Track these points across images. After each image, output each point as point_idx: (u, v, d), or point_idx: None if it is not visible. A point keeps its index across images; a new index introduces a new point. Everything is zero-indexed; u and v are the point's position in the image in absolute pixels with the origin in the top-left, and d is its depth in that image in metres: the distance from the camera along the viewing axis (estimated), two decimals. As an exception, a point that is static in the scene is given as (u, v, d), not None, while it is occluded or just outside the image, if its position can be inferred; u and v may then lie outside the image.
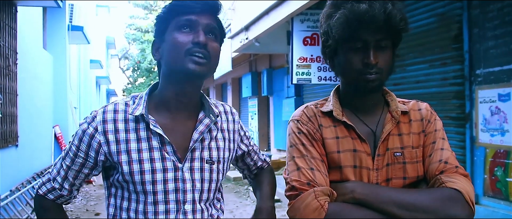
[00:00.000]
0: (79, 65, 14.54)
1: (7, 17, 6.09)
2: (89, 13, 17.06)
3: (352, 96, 1.38)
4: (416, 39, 5.53)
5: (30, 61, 7.55)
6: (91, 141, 1.35)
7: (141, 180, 1.32)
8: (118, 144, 1.34)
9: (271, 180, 1.74)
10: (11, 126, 6.28)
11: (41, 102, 8.49)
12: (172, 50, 1.32)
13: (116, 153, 1.33)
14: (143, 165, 1.33)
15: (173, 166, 1.35)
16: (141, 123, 1.36)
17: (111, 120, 1.36)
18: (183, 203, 1.35)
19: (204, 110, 1.45)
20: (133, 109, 1.37)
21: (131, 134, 1.35)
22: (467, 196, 1.20)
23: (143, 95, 1.42)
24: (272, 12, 7.63)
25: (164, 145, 1.35)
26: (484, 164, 4.52)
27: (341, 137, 1.33)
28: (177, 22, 1.33)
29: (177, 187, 1.35)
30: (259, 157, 1.74)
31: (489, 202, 4.44)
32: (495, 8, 4.38)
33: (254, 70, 13.75)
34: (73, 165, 1.40)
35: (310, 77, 7.16)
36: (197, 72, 1.31)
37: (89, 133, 1.36)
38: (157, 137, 1.35)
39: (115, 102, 1.41)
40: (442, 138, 1.36)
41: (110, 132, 1.35)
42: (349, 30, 1.25)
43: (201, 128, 1.40)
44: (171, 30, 1.34)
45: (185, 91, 1.39)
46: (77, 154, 1.38)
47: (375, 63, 1.26)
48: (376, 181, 1.30)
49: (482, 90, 4.50)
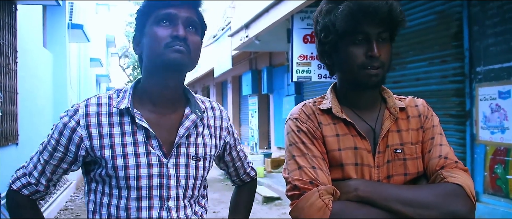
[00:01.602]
0: (79, 63, 14.52)
1: (7, 15, 6.08)
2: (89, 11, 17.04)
3: (350, 93, 1.37)
4: (416, 37, 5.53)
5: (30, 60, 7.54)
6: (73, 135, 1.31)
7: (125, 175, 1.29)
8: (101, 138, 1.30)
9: (248, 204, 1.73)
10: (12, 124, 6.28)
11: (41, 100, 8.49)
12: (152, 44, 1.30)
13: (99, 148, 1.30)
14: (127, 159, 1.30)
15: (158, 161, 1.32)
16: (126, 117, 1.33)
17: (94, 113, 1.32)
18: (167, 199, 1.33)
19: (190, 105, 1.42)
20: (118, 102, 1.34)
21: (115, 127, 1.32)
22: (468, 190, 1.21)
23: (128, 88, 1.39)
24: (272, 10, 7.62)
25: (149, 139, 1.32)
26: (484, 162, 4.52)
27: (341, 135, 1.32)
28: (156, 16, 1.31)
29: (161, 183, 1.32)
30: (243, 166, 1.69)
31: (489, 199, 4.45)
32: (495, 5, 4.37)
33: (254, 68, 13.74)
34: (52, 159, 1.35)
35: (310, 75, 7.16)
36: (178, 61, 1.28)
37: (71, 126, 1.32)
38: (142, 131, 1.32)
39: (98, 96, 1.37)
40: (440, 133, 1.37)
41: (93, 126, 1.31)
42: (353, 22, 1.25)
43: (187, 124, 1.38)
44: (151, 24, 1.32)
45: (167, 84, 1.36)
46: (56, 147, 1.34)
47: (378, 56, 1.26)
48: (377, 178, 1.30)
49: (482, 87, 4.50)
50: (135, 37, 1.40)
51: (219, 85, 18.74)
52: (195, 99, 1.45)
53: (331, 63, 1.39)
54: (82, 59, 15.33)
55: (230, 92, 16.67)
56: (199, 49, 1.37)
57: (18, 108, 6.59)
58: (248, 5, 9.11)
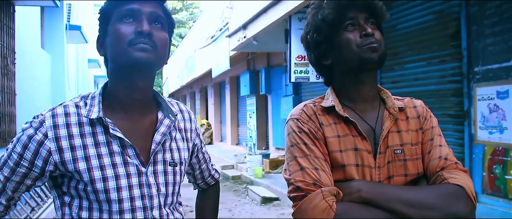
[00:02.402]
0: (77, 64, 14.52)
1: (5, 16, 6.07)
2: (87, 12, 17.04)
3: (350, 90, 1.38)
4: (414, 37, 5.54)
5: (28, 61, 7.53)
6: (39, 149, 1.20)
7: (104, 188, 1.21)
8: (74, 151, 1.21)
9: (216, 207, 1.70)
10: (10, 126, 6.27)
11: (40, 102, 8.48)
12: (115, 43, 1.23)
13: (72, 161, 1.20)
14: (105, 171, 1.21)
15: (136, 170, 1.25)
16: (98, 126, 1.24)
17: (62, 124, 1.22)
18: (151, 209, 1.27)
19: (162, 109, 1.36)
20: (88, 111, 1.25)
21: (88, 138, 1.22)
22: (469, 191, 1.22)
23: (95, 95, 1.30)
24: (270, 11, 7.63)
25: (125, 149, 1.25)
26: (482, 162, 4.53)
27: (342, 136, 1.32)
28: (119, 12, 1.24)
29: (142, 193, 1.26)
30: (208, 168, 1.64)
31: (487, 199, 4.45)
32: (493, 5, 4.38)
33: (252, 68, 13.74)
34: (14, 176, 1.22)
35: (308, 76, 7.16)
36: (143, 60, 1.21)
37: (37, 139, 1.20)
38: (117, 140, 1.25)
39: (64, 104, 1.27)
40: (439, 135, 1.38)
41: (63, 138, 1.21)
42: (342, 8, 1.31)
43: (163, 129, 1.32)
44: (114, 22, 1.24)
45: (136, 86, 1.27)
46: (19, 163, 1.21)
47: (372, 33, 1.30)
48: (378, 179, 1.30)
49: (481, 87, 4.51)
50: (99, 37, 1.31)
51: (217, 86, 18.74)
52: (166, 102, 1.40)
53: (329, 62, 1.39)
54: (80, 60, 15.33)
55: (228, 93, 16.67)
56: (166, 46, 1.30)
57: (16, 109, 6.58)
58: (246, 5, 9.12)
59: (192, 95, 23.94)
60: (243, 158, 11.66)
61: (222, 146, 17.71)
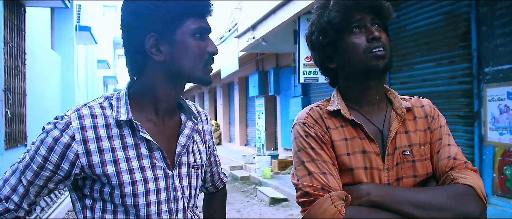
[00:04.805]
0: (86, 65, 14.62)
1: (16, 18, 6.13)
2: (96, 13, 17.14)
3: (356, 93, 1.36)
4: (423, 38, 5.51)
5: (38, 62, 7.60)
6: (67, 152, 1.15)
7: (133, 192, 1.19)
8: (102, 154, 1.17)
9: (224, 212, 1.69)
10: (20, 126, 6.33)
11: (49, 102, 8.54)
12: (189, 58, 1.21)
13: (100, 164, 1.17)
14: (134, 175, 1.19)
15: (163, 173, 1.24)
16: (125, 128, 1.22)
17: (90, 126, 1.18)
18: (176, 212, 1.26)
19: (184, 111, 1.36)
20: (117, 113, 1.21)
21: (115, 141, 1.19)
22: (479, 191, 1.21)
23: (120, 96, 1.26)
24: (279, 12, 7.62)
25: (152, 151, 1.23)
26: (493, 163, 4.49)
27: (350, 139, 1.31)
28: (192, 26, 1.21)
29: (168, 196, 1.25)
30: (218, 171, 1.63)
31: (498, 201, 4.41)
32: (504, 5, 4.34)
33: (261, 69, 13.75)
34: (37, 180, 1.17)
35: (317, 76, 7.15)
36: (209, 83, 1.26)
37: (64, 142, 1.15)
38: (144, 143, 1.23)
39: (89, 105, 1.23)
40: (448, 134, 1.37)
41: (91, 141, 1.17)
42: (347, 11, 1.29)
43: (187, 132, 1.31)
44: (185, 34, 1.21)
45: (179, 91, 1.29)
46: (44, 166, 1.16)
47: (379, 37, 1.28)
48: (387, 181, 1.29)
49: (491, 88, 4.47)
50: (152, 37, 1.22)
51: (226, 87, 18.76)
52: (187, 104, 1.39)
53: (334, 65, 1.38)
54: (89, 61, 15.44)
55: (237, 94, 16.68)
56: None
57: (26, 110, 6.64)
58: (255, 6, 9.12)
59: (201, 96, 23.99)
60: (251, 159, 11.67)
61: (230, 147, 17.72)
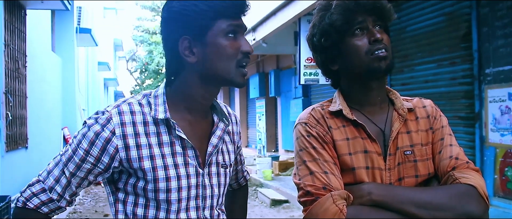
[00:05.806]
0: (87, 67, 14.63)
1: (17, 20, 6.14)
2: (96, 15, 17.16)
3: (358, 94, 1.37)
4: (424, 39, 5.51)
5: (39, 64, 7.60)
6: (107, 146, 1.22)
7: (167, 187, 1.24)
8: (140, 149, 1.23)
9: (245, 208, 1.73)
10: (21, 128, 6.33)
11: (50, 104, 8.54)
12: (222, 59, 1.26)
13: (138, 159, 1.23)
14: (168, 171, 1.24)
15: (195, 171, 1.29)
16: (162, 126, 1.27)
17: (129, 122, 1.24)
18: (203, 209, 1.31)
19: (216, 112, 1.40)
20: (155, 111, 1.27)
21: (152, 137, 1.25)
22: (481, 191, 1.21)
23: (158, 94, 1.31)
24: (279, 13, 7.63)
25: (185, 149, 1.28)
26: (494, 164, 4.48)
27: (351, 138, 1.32)
28: (223, 26, 1.26)
29: (198, 193, 1.30)
30: (242, 169, 1.68)
31: (499, 202, 4.41)
32: (505, 6, 4.34)
33: (261, 71, 13.75)
34: (79, 172, 1.25)
35: (318, 78, 7.15)
36: (241, 85, 1.32)
37: (105, 136, 1.21)
38: (179, 141, 1.28)
39: (129, 102, 1.28)
40: (449, 134, 1.37)
41: (130, 136, 1.23)
42: (349, 13, 1.29)
43: (219, 133, 1.36)
44: (216, 35, 1.25)
45: (213, 93, 1.34)
46: (85, 159, 1.23)
47: (381, 39, 1.28)
48: (389, 181, 1.30)
49: (492, 89, 4.47)
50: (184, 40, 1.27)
51: (226, 88, 18.75)
52: (220, 105, 1.43)
53: (336, 67, 1.39)
54: (90, 63, 15.44)
55: (237, 95, 16.69)
56: None
57: (27, 112, 6.64)
58: (255, 8, 9.12)
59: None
60: (252, 160, 11.66)
61: (231, 148, 17.70)
